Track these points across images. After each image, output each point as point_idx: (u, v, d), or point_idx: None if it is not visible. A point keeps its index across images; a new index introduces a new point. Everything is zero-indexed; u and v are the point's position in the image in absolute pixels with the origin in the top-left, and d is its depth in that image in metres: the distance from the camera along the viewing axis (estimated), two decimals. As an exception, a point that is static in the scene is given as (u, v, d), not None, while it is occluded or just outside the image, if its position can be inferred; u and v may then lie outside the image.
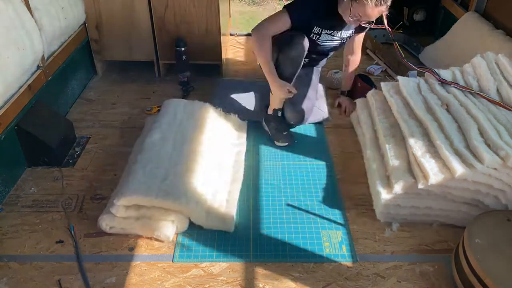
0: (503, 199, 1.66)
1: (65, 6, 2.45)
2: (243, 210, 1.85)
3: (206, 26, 2.76)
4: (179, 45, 2.67)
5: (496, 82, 2.03)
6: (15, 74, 1.93)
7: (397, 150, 1.86)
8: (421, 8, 3.45)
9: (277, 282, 1.55)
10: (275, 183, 1.99)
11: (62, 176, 2.04)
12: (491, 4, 2.77)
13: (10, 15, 1.93)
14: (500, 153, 1.60)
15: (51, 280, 1.54)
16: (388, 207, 1.74)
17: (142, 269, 1.59)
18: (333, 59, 2.91)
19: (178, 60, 2.73)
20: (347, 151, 2.23)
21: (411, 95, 2.07)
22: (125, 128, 2.42)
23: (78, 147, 2.25)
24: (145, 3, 2.69)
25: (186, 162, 1.88)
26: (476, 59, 2.18)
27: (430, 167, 1.65)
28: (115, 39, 2.83)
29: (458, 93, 2.02)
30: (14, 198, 1.91)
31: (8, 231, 1.74)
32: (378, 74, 2.99)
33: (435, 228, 1.77)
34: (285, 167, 2.07)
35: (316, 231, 1.74)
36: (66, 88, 2.56)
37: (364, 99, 2.34)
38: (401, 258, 1.65)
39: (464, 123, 1.80)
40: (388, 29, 2.20)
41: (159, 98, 2.71)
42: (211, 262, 1.62)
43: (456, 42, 2.85)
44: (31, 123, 2.03)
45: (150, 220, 1.68)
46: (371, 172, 1.92)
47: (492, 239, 1.45)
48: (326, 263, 1.62)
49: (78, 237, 1.71)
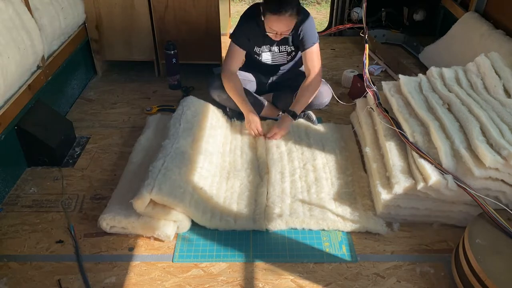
0: (503, 199, 1.66)
1: (65, 6, 2.45)
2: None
3: (206, 26, 2.76)
4: (169, 48, 2.66)
5: (502, 80, 2.03)
6: (15, 74, 1.93)
7: (397, 150, 1.86)
8: (421, 8, 3.45)
9: (277, 282, 1.55)
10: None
11: (62, 176, 2.04)
12: (491, 4, 2.77)
13: (10, 15, 1.93)
14: (503, 152, 1.59)
15: (51, 280, 1.54)
16: (388, 207, 1.74)
17: (142, 269, 1.59)
18: (337, 59, 2.91)
19: (168, 63, 2.71)
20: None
21: (412, 94, 2.06)
22: (125, 128, 2.42)
23: (78, 147, 2.25)
24: (145, 3, 2.69)
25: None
26: (480, 58, 2.18)
27: (431, 169, 1.65)
28: (115, 39, 2.83)
29: (460, 92, 2.01)
30: (14, 198, 1.91)
31: (8, 231, 1.74)
32: (378, 74, 2.99)
33: (435, 228, 1.77)
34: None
35: (316, 231, 1.74)
36: (66, 88, 2.56)
37: (364, 99, 2.34)
38: (401, 258, 1.65)
39: (466, 122, 1.79)
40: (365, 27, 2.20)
41: (159, 98, 2.72)
42: (211, 262, 1.62)
43: (456, 42, 2.84)
44: (31, 123, 2.03)
45: (152, 220, 1.67)
46: (371, 172, 1.92)
47: (492, 239, 1.45)
48: (326, 263, 1.62)
49: (78, 237, 1.71)
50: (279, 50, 2.32)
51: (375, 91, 2.12)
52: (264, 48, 2.31)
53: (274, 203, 1.82)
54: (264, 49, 2.32)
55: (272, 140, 2.20)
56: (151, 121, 2.35)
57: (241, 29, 2.25)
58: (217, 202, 1.84)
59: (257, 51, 2.33)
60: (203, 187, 1.85)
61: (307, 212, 1.78)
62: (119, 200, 1.76)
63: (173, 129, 2.05)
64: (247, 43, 2.27)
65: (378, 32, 3.47)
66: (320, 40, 2.36)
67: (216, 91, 2.35)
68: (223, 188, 1.93)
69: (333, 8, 3.59)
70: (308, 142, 2.21)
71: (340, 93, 2.75)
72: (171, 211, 1.67)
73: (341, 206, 1.82)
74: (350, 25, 2.74)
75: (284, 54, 2.35)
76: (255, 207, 1.82)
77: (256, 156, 2.14)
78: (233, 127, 2.36)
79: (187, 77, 2.89)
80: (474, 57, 2.22)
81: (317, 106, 2.41)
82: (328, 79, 2.92)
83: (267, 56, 2.35)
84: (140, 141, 2.17)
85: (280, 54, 2.35)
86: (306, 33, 2.19)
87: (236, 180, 1.97)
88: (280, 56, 2.36)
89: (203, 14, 2.72)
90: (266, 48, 2.32)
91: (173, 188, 1.69)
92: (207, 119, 2.22)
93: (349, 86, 2.75)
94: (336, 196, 1.87)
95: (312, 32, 2.21)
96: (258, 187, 1.93)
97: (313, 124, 2.37)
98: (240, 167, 2.06)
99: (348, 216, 1.77)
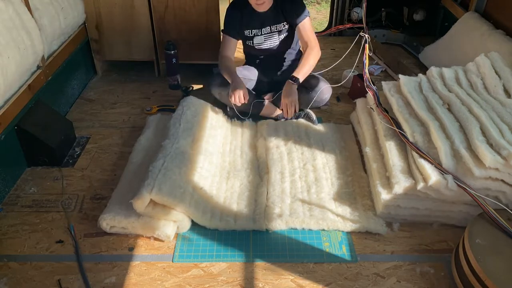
0: (503, 199, 1.66)
1: (65, 6, 2.45)
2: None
3: (206, 26, 2.76)
4: (169, 48, 2.65)
5: (502, 80, 2.03)
6: (15, 74, 1.93)
7: (397, 150, 1.86)
8: (421, 8, 3.45)
9: (277, 282, 1.55)
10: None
11: (62, 176, 2.04)
12: (491, 4, 2.77)
13: (10, 15, 1.93)
14: (503, 152, 1.59)
15: (51, 280, 1.54)
16: (388, 207, 1.74)
17: (142, 269, 1.59)
18: (337, 59, 2.89)
19: (168, 63, 2.71)
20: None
21: (412, 94, 2.06)
22: (125, 128, 2.42)
23: (78, 147, 2.25)
24: (145, 3, 2.69)
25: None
26: (480, 58, 2.17)
27: (431, 169, 1.65)
28: (115, 39, 2.83)
29: (460, 92, 2.01)
30: (14, 198, 1.91)
31: (8, 231, 1.74)
32: (378, 74, 2.99)
33: (435, 228, 1.77)
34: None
35: (316, 231, 1.74)
36: (66, 88, 2.56)
37: (364, 99, 2.34)
38: (401, 258, 1.65)
39: (466, 122, 1.79)
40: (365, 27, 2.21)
41: (159, 98, 2.72)
42: (211, 262, 1.62)
43: (456, 42, 2.84)
44: (31, 123, 2.03)
45: (152, 219, 1.67)
46: (371, 172, 1.92)
47: (492, 239, 1.45)
48: (326, 263, 1.62)
49: (78, 237, 1.71)
50: (271, 30, 2.38)
51: (375, 91, 2.12)
52: (255, 31, 2.38)
53: (274, 203, 1.82)
54: (255, 32, 2.38)
55: (272, 140, 2.19)
56: (151, 121, 2.35)
57: (229, 18, 2.37)
58: (217, 202, 1.84)
59: (248, 34, 2.39)
60: (203, 187, 1.85)
61: (307, 212, 1.78)
62: (119, 200, 1.76)
63: (173, 129, 2.05)
64: (236, 30, 2.37)
65: (378, 32, 3.47)
66: (320, 40, 2.36)
67: (217, 88, 2.39)
68: (223, 188, 1.93)
69: (333, 8, 3.59)
70: (308, 142, 2.21)
71: (340, 93, 2.75)
72: (171, 211, 1.67)
73: (341, 206, 1.82)
74: (350, 25, 2.74)
75: (276, 34, 2.39)
76: (255, 207, 1.82)
77: (256, 156, 2.14)
78: (233, 127, 2.36)
79: (187, 77, 2.89)
80: (474, 57, 2.22)
81: (318, 103, 2.42)
82: (328, 79, 2.91)
83: (259, 40, 2.41)
84: (140, 141, 2.17)
85: (271, 35, 2.39)
86: (294, 4, 2.30)
87: (236, 180, 1.97)
88: (271, 37, 2.40)
89: (203, 14, 2.72)
90: (257, 31, 2.38)
91: (173, 188, 1.69)
92: (207, 119, 2.23)
93: (349, 86, 2.75)
94: (336, 196, 1.87)
95: (299, 4, 2.32)
96: (258, 187, 1.93)
97: (313, 124, 2.37)
98: (240, 167, 2.06)
99: (348, 216, 1.77)
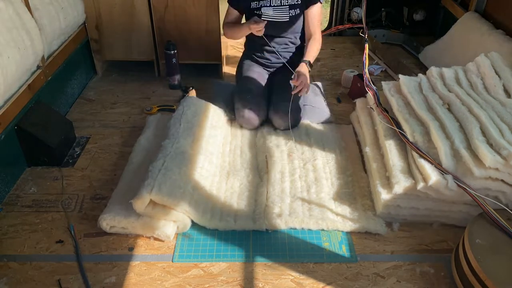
0: (503, 199, 1.66)
1: (65, 6, 2.45)
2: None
3: (206, 26, 2.76)
4: (169, 48, 2.65)
5: (502, 80, 2.03)
6: (15, 74, 1.93)
7: (397, 150, 1.86)
8: (421, 8, 3.45)
9: (277, 282, 1.55)
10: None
11: (62, 176, 2.04)
12: (491, 4, 2.77)
13: (10, 15, 1.93)
14: (503, 152, 1.59)
15: (51, 280, 1.54)
16: (388, 207, 1.74)
17: (142, 269, 1.59)
18: (337, 59, 2.91)
19: (168, 63, 2.71)
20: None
21: (412, 94, 2.06)
22: (125, 128, 2.42)
23: (78, 147, 2.25)
24: (145, 3, 2.69)
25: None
26: (480, 58, 2.17)
27: (431, 169, 1.65)
28: (115, 39, 2.83)
29: (460, 92, 2.01)
30: (14, 198, 1.91)
31: (8, 231, 1.74)
32: (378, 74, 2.99)
33: (435, 228, 1.77)
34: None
35: (316, 231, 1.74)
36: (66, 88, 2.56)
37: (364, 99, 2.34)
38: (401, 258, 1.65)
39: (466, 122, 1.79)
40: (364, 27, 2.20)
41: (159, 98, 2.72)
42: (211, 262, 1.62)
43: (456, 42, 2.84)
44: (31, 123, 2.03)
45: (152, 219, 1.67)
46: (371, 172, 1.92)
47: (493, 239, 1.45)
48: (326, 263, 1.62)
49: (78, 237, 1.71)
50: (281, 2, 2.31)
51: (375, 91, 2.12)
52: (262, 2, 2.32)
53: (273, 203, 1.82)
54: (263, 3, 2.32)
55: (272, 140, 2.19)
56: (151, 121, 2.35)
57: None
58: (217, 202, 1.84)
59: (255, 5, 2.33)
60: (203, 187, 1.85)
61: (307, 212, 1.78)
62: (119, 200, 1.76)
63: (173, 129, 2.05)
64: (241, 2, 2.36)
65: (378, 32, 3.47)
66: (320, 40, 2.37)
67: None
68: (223, 188, 1.93)
69: (333, 8, 3.59)
70: (308, 142, 2.21)
71: (340, 93, 2.76)
72: (171, 211, 1.67)
73: (341, 206, 1.82)
74: (350, 25, 2.75)
75: (287, 8, 2.32)
76: (255, 207, 1.82)
77: (256, 156, 2.14)
78: (233, 127, 2.36)
79: (187, 77, 2.89)
80: (474, 57, 2.22)
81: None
82: (328, 79, 2.93)
83: (267, 11, 2.32)
84: (140, 141, 2.17)
85: (283, 8, 2.32)
86: None
87: (236, 180, 1.97)
88: (282, 10, 2.32)
89: (203, 14, 2.72)
90: (265, 2, 2.32)
91: (173, 188, 1.69)
92: (207, 119, 2.23)
93: (349, 86, 2.75)
94: (336, 196, 1.87)
95: None
96: (258, 187, 1.93)
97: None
98: (240, 167, 2.06)
99: (347, 216, 1.77)
